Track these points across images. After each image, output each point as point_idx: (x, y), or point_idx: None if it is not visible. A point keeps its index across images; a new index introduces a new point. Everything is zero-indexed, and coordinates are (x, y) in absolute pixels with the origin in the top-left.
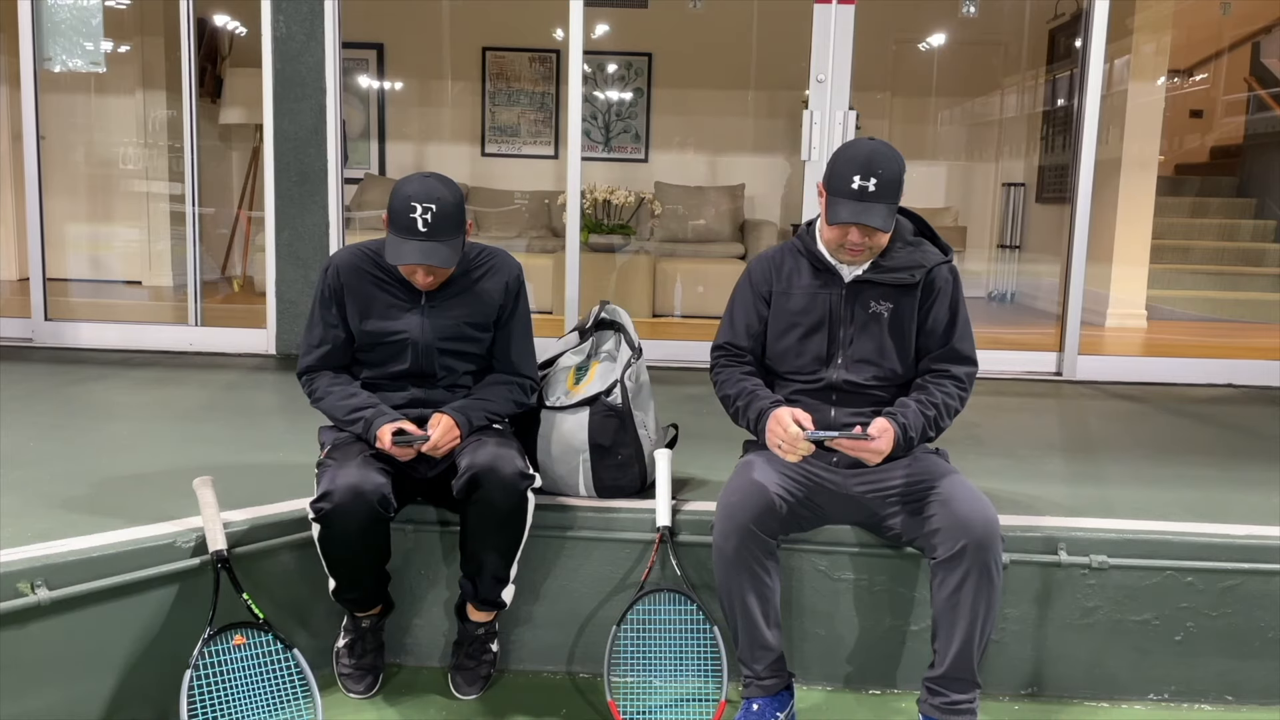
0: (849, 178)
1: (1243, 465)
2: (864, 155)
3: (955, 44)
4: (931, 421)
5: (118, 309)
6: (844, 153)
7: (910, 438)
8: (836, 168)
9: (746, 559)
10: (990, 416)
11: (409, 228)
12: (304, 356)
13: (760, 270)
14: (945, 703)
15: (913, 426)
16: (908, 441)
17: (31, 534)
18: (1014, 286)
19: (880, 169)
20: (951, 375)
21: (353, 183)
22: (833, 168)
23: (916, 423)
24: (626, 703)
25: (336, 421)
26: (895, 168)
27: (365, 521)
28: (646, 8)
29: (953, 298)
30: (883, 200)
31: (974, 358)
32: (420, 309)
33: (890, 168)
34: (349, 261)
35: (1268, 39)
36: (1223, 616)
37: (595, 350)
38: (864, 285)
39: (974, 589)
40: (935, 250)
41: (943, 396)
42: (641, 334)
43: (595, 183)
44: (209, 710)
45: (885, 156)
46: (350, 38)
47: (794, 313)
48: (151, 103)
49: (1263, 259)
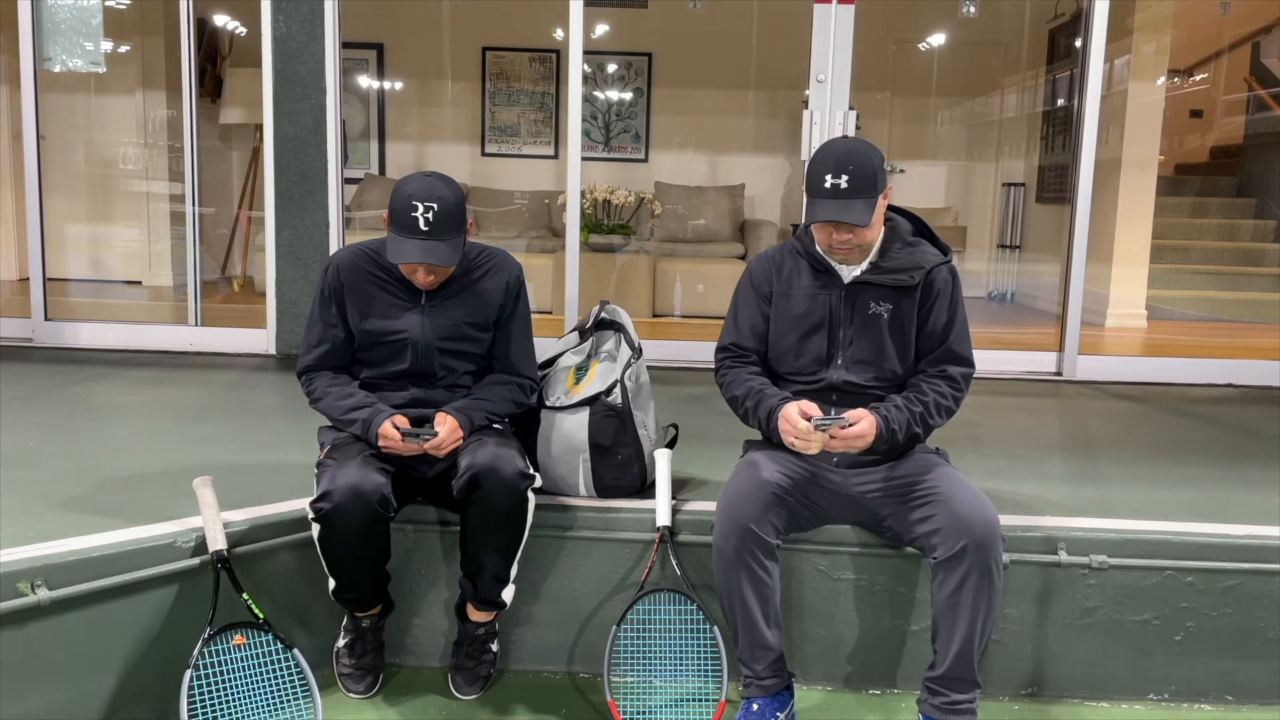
0: (822, 177)
1: (1243, 465)
2: (835, 154)
3: (955, 44)
4: (918, 418)
5: (118, 309)
6: (818, 154)
7: (893, 429)
8: (811, 169)
9: (746, 559)
10: (990, 416)
11: (410, 226)
12: (303, 356)
13: (761, 270)
14: (945, 703)
15: (895, 419)
16: (890, 433)
17: (31, 534)
18: (1014, 286)
19: (852, 165)
20: (946, 375)
21: (353, 183)
22: (809, 170)
23: (900, 417)
24: (626, 703)
25: (335, 421)
26: (867, 162)
27: (365, 521)
28: (646, 8)
29: (952, 299)
30: (858, 195)
31: (970, 359)
32: (420, 309)
33: (862, 162)
34: (349, 261)
35: (1268, 39)
36: (1223, 616)
37: (595, 350)
38: (863, 286)
39: (974, 589)
40: (934, 251)
41: (934, 395)
42: (641, 334)
43: (595, 183)
44: (209, 710)
45: (857, 152)
46: (350, 38)
47: (794, 314)
48: (151, 103)
49: (1263, 259)
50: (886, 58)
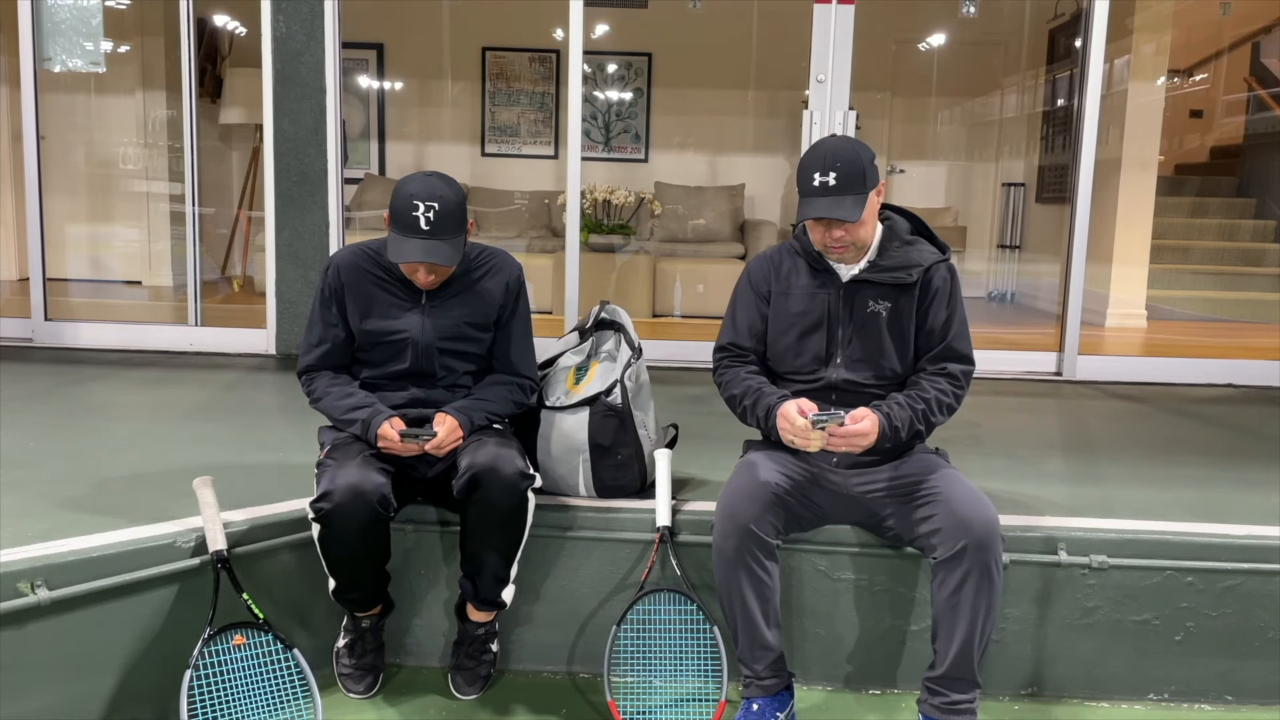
0: (810, 176)
1: (1243, 465)
2: (822, 152)
3: (955, 44)
4: (920, 415)
5: (118, 309)
6: (806, 154)
7: (896, 427)
8: (800, 169)
9: (746, 559)
10: (990, 416)
11: (411, 226)
12: (303, 356)
13: (759, 270)
14: (945, 703)
15: (898, 417)
16: (894, 431)
17: (31, 534)
18: (1014, 286)
19: (839, 162)
20: (947, 373)
21: (353, 183)
22: (799, 170)
23: (902, 415)
24: (626, 703)
25: (334, 421)
26: (855, 158)
27: (365, 521)
28: (646, 8)
29: (951, 296)
30: (846, 192)
31: (970, 356)
32: (421, 308)
33: (849, 159)
34: (350, 261)
35: (1268, 39)
36: (1223, 616)
37: (595, 350)
38: (861, 285)
39: (974, 589)
40: (932, 249)
41: (935, 393)
42: (641, 334)
43: (595, 183)
44: (209, 710)
45: (843, 149)
46: (350, 38)
47: (793, 313)
48: (151, 103)
49: (1263, 259)
50: (886, 58)
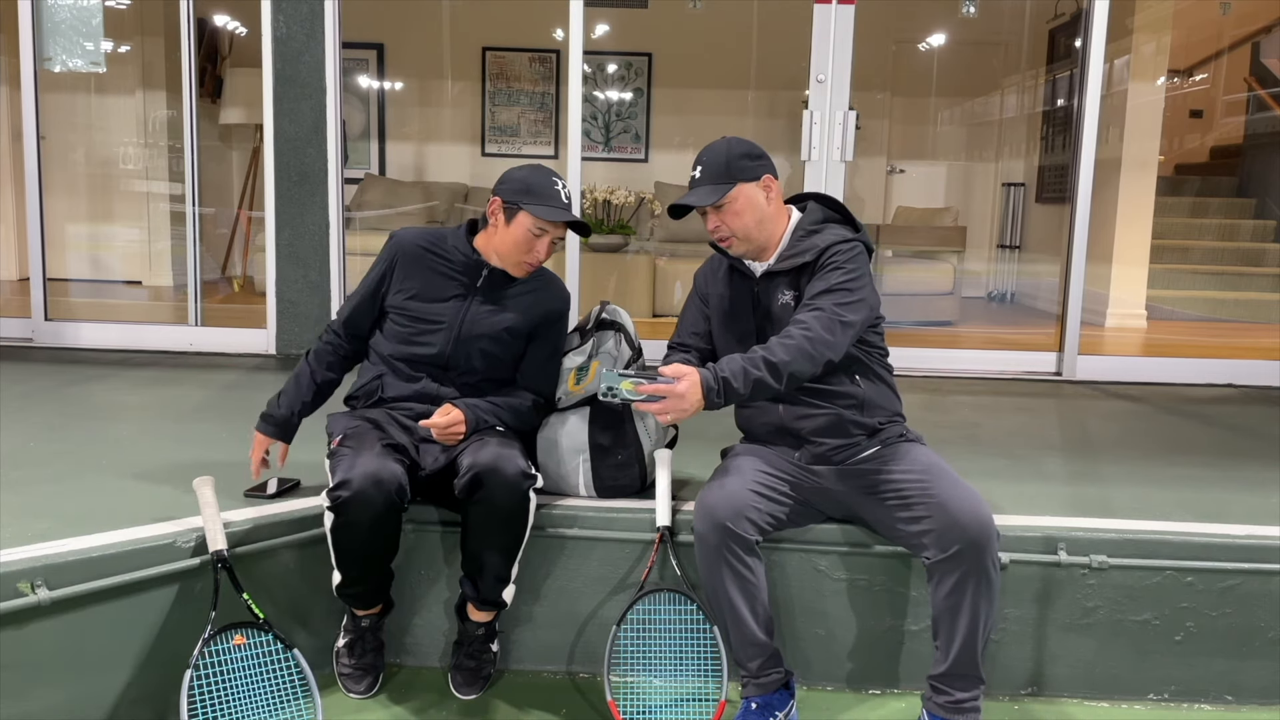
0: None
1: (1243, 465)
2: (699, 153)
3: (955, 44)
4: (758, 362)
5: (118, 309)
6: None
7: (724, 378)
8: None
9: (726, 556)
10: (989, 416)
11: (554, 198)
12: (339, 310)
13: (701, 274)
14: (949, 701)
15: (724, 369)
16: (722, 384)
17: (31, 534)
18: (1014, 286)
19: (705, 157)
20: (814, 307)
21: (353, 183)
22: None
23: (731, 366)
24: (626, 703)
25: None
26: (721, 152)
27: (381, 510)
28: (646, 8)
29: (846, 264)
30: (705, 182)
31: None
32: (467, 301)
33: (714, 153)
34: (412, 238)
35: (1268, 39)
36: (1223, 616)
37: (595, 350)
38: (773, 277)
39: (972, 590)
40: (841, 231)
41: (785, 332)
42: (641, 334)
43: (595, 183)
44: (209, 710)
45: (714, 146)
46: (350, 38)
47: (723, 312)
48: (151, 103)
49: (1263, 259)
50: (886, 58)
